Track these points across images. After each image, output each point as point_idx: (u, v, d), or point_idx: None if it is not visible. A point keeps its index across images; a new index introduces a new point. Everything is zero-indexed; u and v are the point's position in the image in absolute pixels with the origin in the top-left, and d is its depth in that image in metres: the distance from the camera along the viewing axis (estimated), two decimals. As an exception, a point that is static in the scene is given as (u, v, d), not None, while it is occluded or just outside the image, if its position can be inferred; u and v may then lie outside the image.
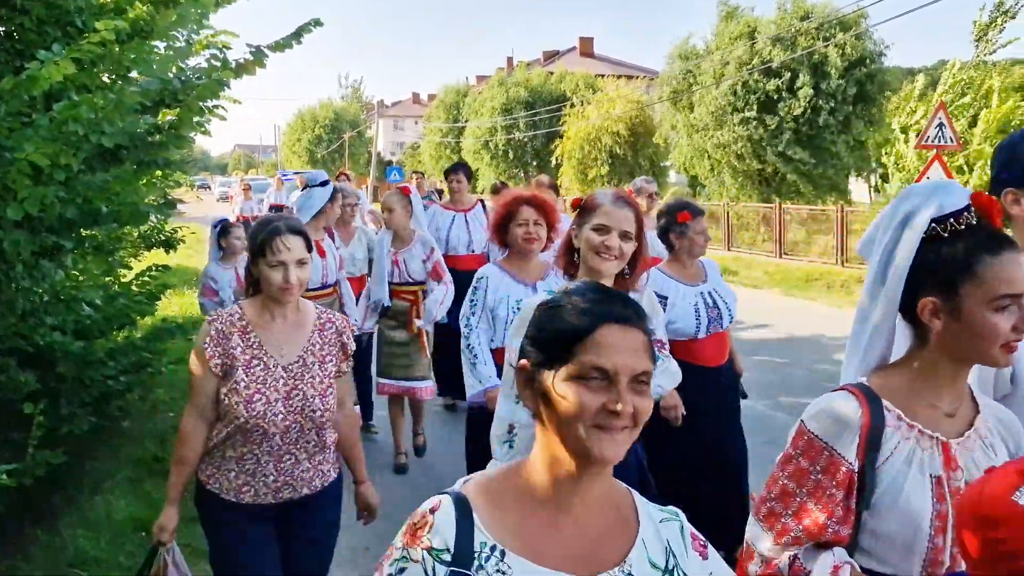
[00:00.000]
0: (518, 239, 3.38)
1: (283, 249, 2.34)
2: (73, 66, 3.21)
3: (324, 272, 4.86)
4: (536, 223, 3.37)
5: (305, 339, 2.46)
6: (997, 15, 14.62)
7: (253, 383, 2.36)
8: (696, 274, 3.79)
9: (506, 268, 3.45)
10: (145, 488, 4.43)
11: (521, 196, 3.45)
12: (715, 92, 19.65)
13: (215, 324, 2.39)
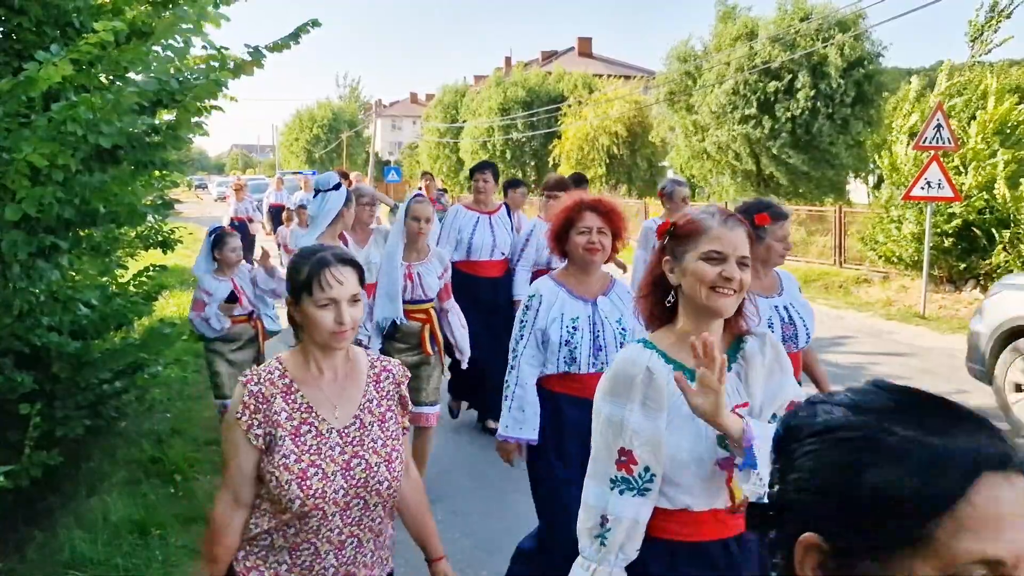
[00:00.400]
0: (578, 248, 2.99)
1: (334, 284, 1.92)
2: (71, 67, 3.20)
3: None
4: (600, 231, 2.98)
5: (360, 394, 2.04)
6: (992, 15, 14.67)
7: (306, 455, 1.92)
8: (771, 285, 3.34)
9: (562, 282, 3.07)
10: (142, 490, 4.42)
11: (583, 200, 3.05)
12: (717, 91, 19.66)
13: (251, 386, 1.95)
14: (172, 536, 3.86)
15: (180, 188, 9.03)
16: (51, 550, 3.84)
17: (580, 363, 2.98)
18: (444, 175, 38.30)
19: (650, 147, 26.35)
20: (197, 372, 6.89)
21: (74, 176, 3.76)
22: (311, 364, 2.00)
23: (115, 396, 4.73)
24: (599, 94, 29.29)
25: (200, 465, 4.89)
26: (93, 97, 3.33)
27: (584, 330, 2.97)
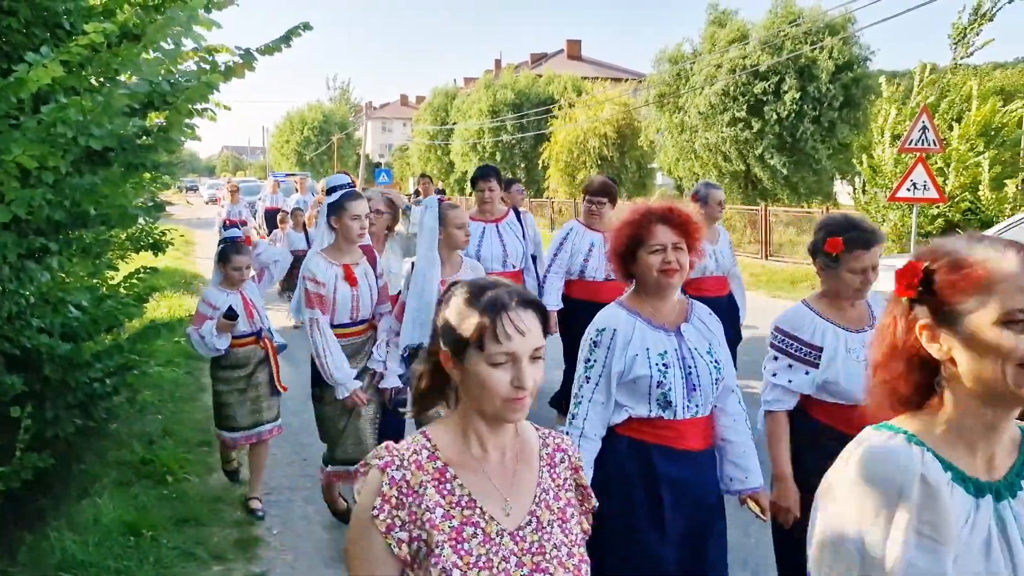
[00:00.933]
0: (652, 271, 2.44)
1: (514, 335, 1.43)
2: (61, 69, 3.21)
3: (355, 305, 3.91)
4: (676, 247, 2.44)
5: (534, 483, 1.54)
6: (975, 18, 14.82)
7: (472, 569, 1.42)
8: (861, 317, 2.78)
9: (636, 310, 2.51)
10: (133, 491, 4.42)
11: (652, 211, 2.49)
12: (707, 91, 19.76)
13: (392, 470, 1.45)
14: (164, 538, 3.87)
15: (170, 191, 8.96)
16: (42, 552, 3.83)
17: (676, 407, 2.44)
18: (434, 177, 38.29)
19: (639, 149, 26.44)
20: (188, 373, 6.88)
21: (64, 178, 3.75)
22: (472, 442, 1.51)
23: (106, 397, 4.72)
24: (588, 96, 29.35)
25: (192, 466, 4.89)
26: (83, 99, 3.33)
27: (674, 366, 2.44)
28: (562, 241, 5.39)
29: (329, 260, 3.87)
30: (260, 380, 4.49)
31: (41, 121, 3.31)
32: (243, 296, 4.47)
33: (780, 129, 18.99)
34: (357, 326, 3.96)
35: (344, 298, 3.85)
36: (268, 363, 4.54)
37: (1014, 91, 17.48)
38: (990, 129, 12.82)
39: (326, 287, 3.80)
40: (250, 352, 4.48)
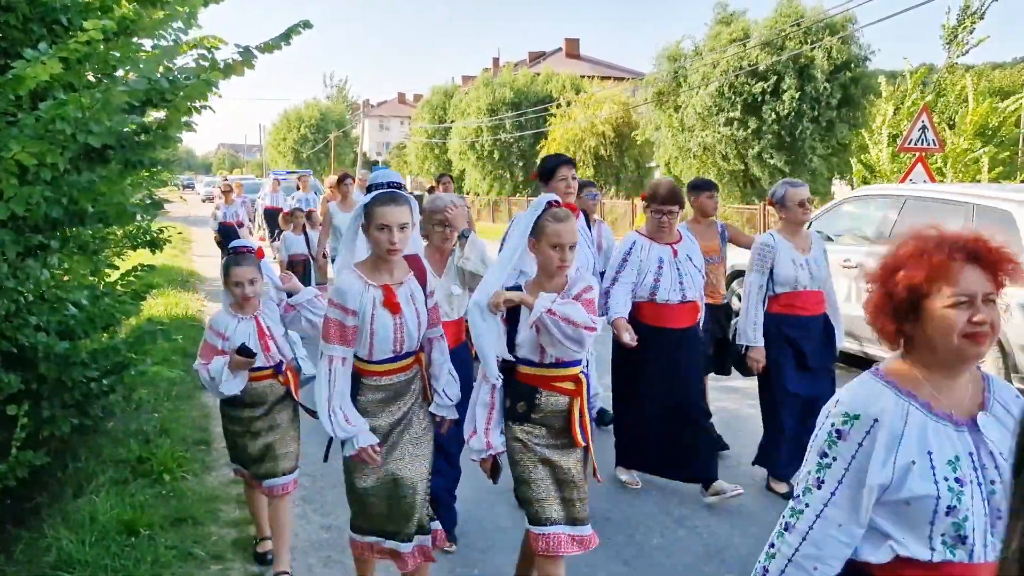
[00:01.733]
0: (952, 334, 1.61)
1: None
2: (60, 65, 3.19)
3: (398, 336, 2.99)
4: (988, 299, 1.63)
5: None
6: (964, 17, 14.84)
7: None
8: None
9: (911, 391, 1.67)
10: (129, 490, 4.40)
11: (955, 242, 1.64)
12: (702, 93, 19.79)
13: None
14: (161, 536, 3.84)
15: (166, 188, 8.82)
16: (38, 551, 3.82)
17: (973, 544, 1.60)
18: (432, 175, 38.27)
19: (637, 148, 26.45)
20: (185, 371, 6.86)
21: (62, 175, 3.74)
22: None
23: (102, 395, 4.70)
24: (586, 95, 29.35)
25: (188, 465, 4.87)
26: (82, 96, 3.32)
27: (969, 482, 1.61)
28: (625, 256, 4.46)
29: (365, 279, 2.95)
30: (278, 422, 3.67)
31: (39, 118, 3.30)
32: (258, 322, 3.62)
33: (779, 128, 19.02)
34: (401, 360, 3.03)
35: (384, 328, 2.93)
36: (289, 402, 3.71)
37: (1013, 90, 17.52)
38: (987, 128, 12.84)
39: (359, 315, 2.91)
40: (266, 389, 3.62)
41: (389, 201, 2.88)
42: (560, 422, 2.98)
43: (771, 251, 4.49)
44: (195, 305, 10.61)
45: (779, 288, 4.51)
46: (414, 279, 3.07)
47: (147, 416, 5.70)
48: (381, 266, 2.98)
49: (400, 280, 3.01)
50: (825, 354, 4.61)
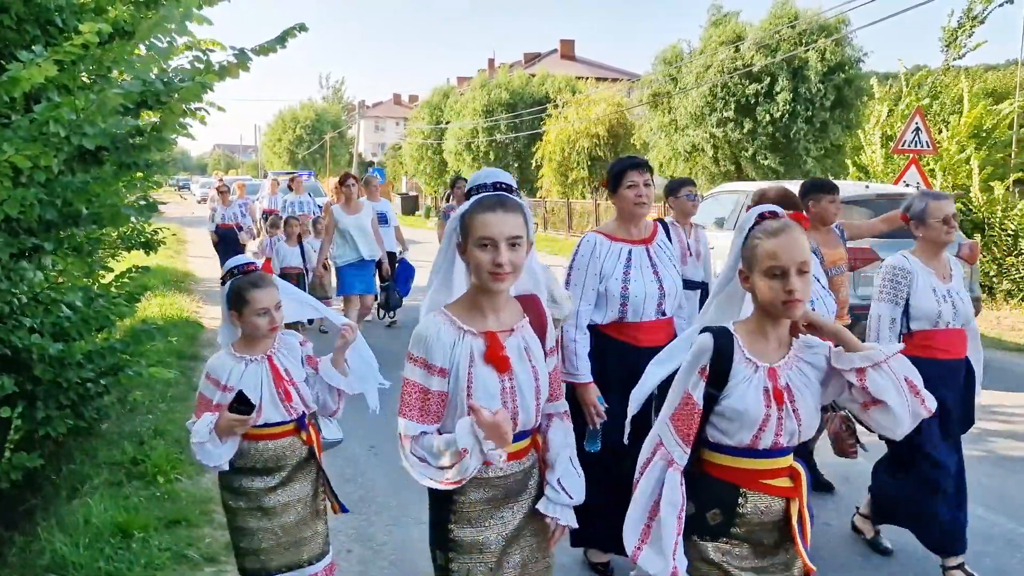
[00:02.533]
0: None
1: None
2: (54, 67, 3.19)
3: (509, 403, 2.09)
4: None
5: None
6: (966, 20, 14.91)
7: None
8: None
9: None
10: (124, 492, 4.39)
11: None
12: (694, 93, 19.84)
13: None
14: (155, 539, 3.84)
15: (162, 189, 8.73)
16: (32, 553, 3.81)
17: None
18: (427, 176, 38.25)
19: (632, 149, 26.47)
20: (180, 373, 6.85)
21: (56, 177, 3.74)
22: None
23: (96, 397, 4.69)
24: (582, 96, 29.38)
25: (183, 467, 4.86)
26: (77, 98, 3.32)
27: None
28: None
29: (459, 322, 2.08)
30: (300, 495, 2.84)
31: (34, 120, 3.29)
32: (272, 364, 2.76)
33: (773, 130, 19.08)
34: (513, 442, 2.07)
35: (487, 391, 2.04)
36: (312, 467, 2.89)
37: (1006, 93, 17.58)
38: (981, 131, 12.89)
39: (450, 374, 2.05)
40: (285, 449, 2.80)
41: (496, 206, 2.02)
42: (773, 536, 2.10)
43: (907, 277, 3.57)
44: (190, 307, 10.59)
45: (915, 324, 3.59)
46: (529, 326, 2.15)
47: (142, 418, 5.69)
48: (483, 304, 2.08)
49: (510, 326, 2.11)
50: (967, 411, 3.74)
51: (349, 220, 7.91)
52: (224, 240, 11.87)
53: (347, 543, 4.04)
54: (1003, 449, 5.49)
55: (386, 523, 4.26)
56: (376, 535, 4.12)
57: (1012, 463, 5.22)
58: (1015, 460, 5.29)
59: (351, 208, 8.06)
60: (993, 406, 6.49)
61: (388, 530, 4.18)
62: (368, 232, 7.97)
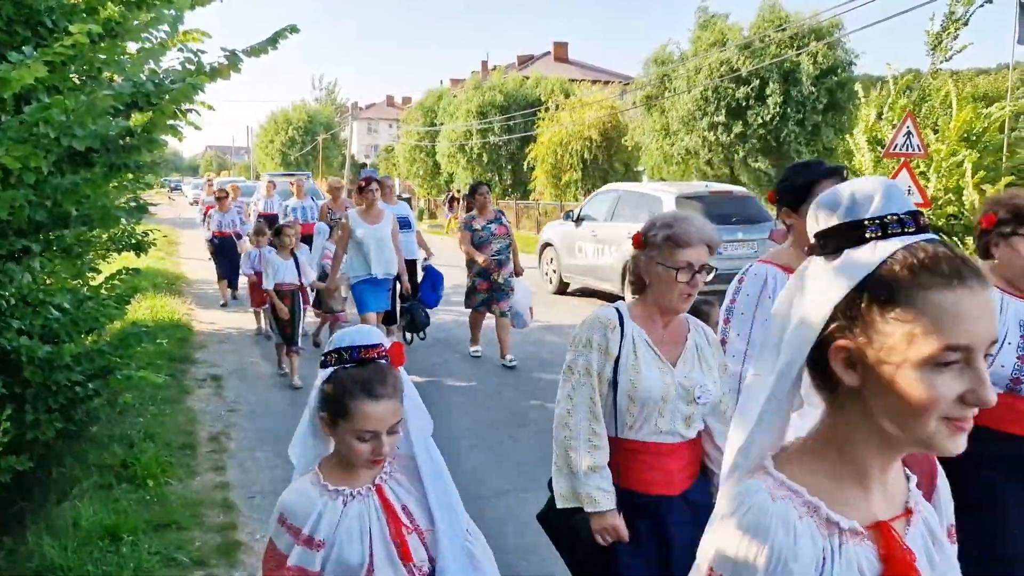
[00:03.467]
0: None
1: None
2: (44, 68, 3.17)
3: None
4: None
5: None
6: (948, 23, 14.99)
7: None
8: None
9: None
10: (113, 495, 4.37)
11: None
12: (685, 97, 19.90)
13: None
14: (144, 542, 3.82)
15: (153, 190, 8.48)
16: (20, 556, 3.79)
17: None
18: (420, 178, 38.25)
19: (625, 151, 26.52)
20: (170, 376, 6.82)
21: (46, 179, 3.71)
22: None
23: (86, 400, 4.66)
24: (574, 99, 29.42)
25: (173, 470, 4.84)
26: (67, 99, 3.29)
27: None
28: None
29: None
30: None
31: (23, 121, 3.27)
32: (383, 499, 1.80)
33: (764, 132, 19.15)
34: None
35: None
36: None
37: (998, 96, 17.68)
38: (971, 134, 12.96)
39: None
40: None
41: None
42: None
43: None
44: (181, 309, 10.55)
45: None
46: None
47: (132, 421, 5.67)
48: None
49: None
50: None
51: (368, 231, 6.94)
52: (222, 250, 11.24)
53: None
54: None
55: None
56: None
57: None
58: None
59: (371, 216, 7.05)
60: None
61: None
62: (388, 245, 7.02)
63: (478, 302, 7.96)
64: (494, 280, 7.77)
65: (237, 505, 4.52)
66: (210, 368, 7.74)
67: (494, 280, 7.77)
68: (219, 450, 5.43)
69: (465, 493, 1.95)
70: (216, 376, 7.42)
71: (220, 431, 5.84)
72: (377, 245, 6.97)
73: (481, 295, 7.90)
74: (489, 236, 7.81)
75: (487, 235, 7.81)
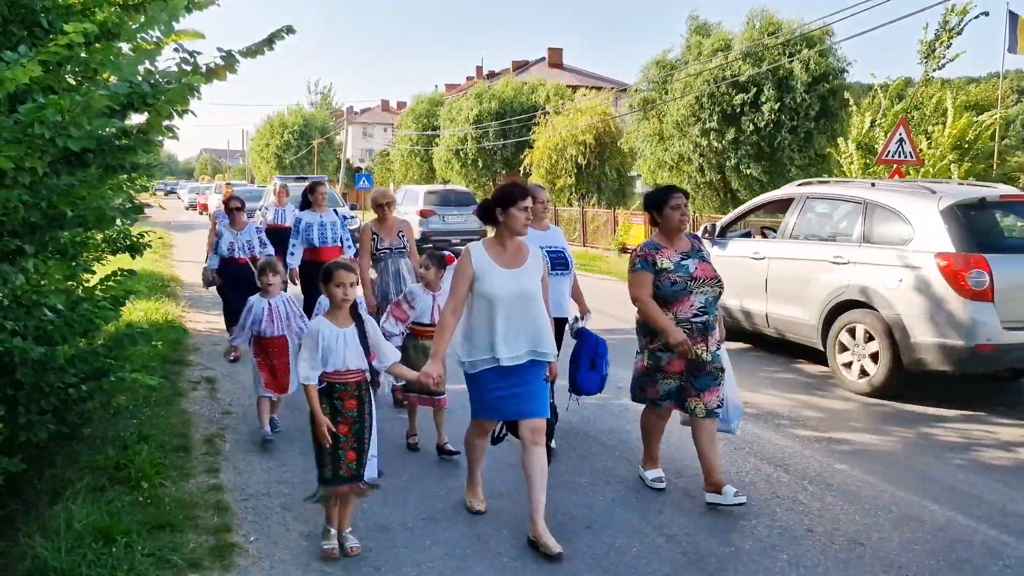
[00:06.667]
0: None
1: None
2: (40, 68, 3.17)
3: None
4: None
5: None
6: (942, 32, 15.11)
7: None
8: None
9: None
10: (107, 497, 4.35)
11: None
12: (680, 103, 19.98)
13: None
14: (138, 544, 3.80)
15: (147, 194, 8.12)
16: (12, 558, 3.77)
17: None
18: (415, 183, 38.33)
19: (619, 156, 26.59)
20: (164, 378, 6.81)
21: (41, 179, 3.71)
22: None
23: (80, 402, 4.65)
24: (571, 104, 29.51)
25: (166, 472, 4.82)
26: (62, 99, 3.29)
27: None
28: None
29: None
30: None
31: (18, 121, 3.27)
32: None
33: (757, 139, 19.23)
34: None
35: None
36: None
37: (989, 105, 17.79)
38: (964, 141, 13.05)
39: None
40: None
41: None
42: None
43: None
44: (176, 311, 10.52)
45: None
46: None
47: (125, 422, 5.65)
48: None
49: None
50: None
51: (506, 279, 4.03)
52: (234, 283, 7.75)
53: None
54: (984, 457, 5.54)
55: (371, 529, 4.25)
56: (360, 541, 4.09)
57: (993, 470, 5.27)
58: (996, 467, 5.33)
59: (510, 253, 4.35)
60: (978, 415, 6.55)
61: (373, 536, 4.16)
62: (539, 305, 4.23)
63: (661, 392, 4.63)
64: (696, 356, 4.48)
65: (231, 507, 4.50)
66: (204, 370, 7.72)
67: (696, 356, 4.48)
68: (213, 452, 5.42)
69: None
70: (210, 378, 7.40)
71: (214, 433, 5.82)
72: (521, 303, 4.00)
73: (670, 381, 4.59)
74: (686, 282, 4.49)
75: (683, 281, 4.49)
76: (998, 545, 4.11)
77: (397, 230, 6.64)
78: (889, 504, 4.61)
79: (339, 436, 3.80)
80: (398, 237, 6.62)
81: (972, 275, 6.37)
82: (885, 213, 7.18)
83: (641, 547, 4.04)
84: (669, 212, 4.55)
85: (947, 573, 3.80)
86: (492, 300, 3.92)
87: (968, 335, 6.37)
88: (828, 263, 7.41)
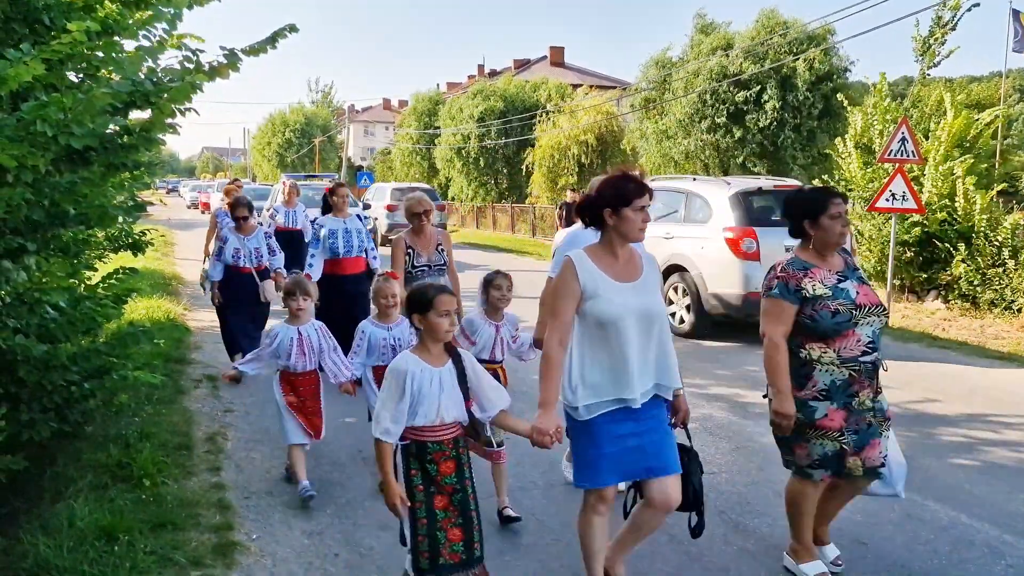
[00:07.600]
0: None
1: None
2: (42, 66, 3.17)
3: None
4: None
5: None
6: (935, 28, 15.08)
7: None
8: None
9: None
10: (109, 495, 4.35)
11: None
12: (683, 100, 19.98)
13: None
14: (140, 542, 3.80)
15: (148, 192, 8.02)
16: (15, 556, 3.77)
17: None
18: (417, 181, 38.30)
19: (621, 155, 26.60)
20: (167, 376, 6.81)
21: (43, 177, 3.71)
22: None
23: (82, 400, 4.65)
24: (575, 103, 29.50)
25: (169, 470, 4.82)
26: (64, 97, 3.29)
27: None
28: None
29: None
30: None
31: (21, 119, 3.27)
32: None
33: (761, 137, 19.25)
34: None
35: None
36: None
37: (991, 104, 17.76)
38: (964, 140, 13.02)
39: None
40: None
41: None
42: None
43: None
44: (177, 310, 10.52)
45: None
46: None
47: (127, 421, 5.65)
48: None
49: None
50: None
51: (626, 294, 3.15)
52: (234, 299, 7.04)
53: (334, 547, 4.02)
54: (988, 457, 5.53)
55: (374, 528, 4.24)
56: (363, 540, 4.10)
57: (996, 470, 5.26)
58: (999, 467, 5.33)
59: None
60: (980, 415, 6.54)
61: (376, 535, 4.16)
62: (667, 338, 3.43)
63: (815, 457, 3.52)
64: (857, 404, 3.47)
65: (233, 505, 4.50)
66: (206, 368, 7.72)
67: (857, 404, 3.47)
68: (215, 450, 5.42)
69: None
70: (212, 376, 7.40)
71: (216, 431, 5.82)
72: (645, 325, 3.18)
73: (826, 443, 3.48)
74: (850, 311, 3.45)
75: (847, 310, 3.44)
76: (1000, 545, 4.10)
77: (436, 243, 5.48)
78: (891, 503, 4.61)
79: (435, 512, 2.99)
80: (437, 252, 5.47)
81: (745, 242, 8.92)
82: (697, 199, 9.80)
83: (643, 546, 4.03)
84: (828, 223, 3.46)
85: (949, 573, 3.80)
86: (611, 323, 3.08)
87: (743, 286, 8.87)
88: (661, 238, 9.61)
